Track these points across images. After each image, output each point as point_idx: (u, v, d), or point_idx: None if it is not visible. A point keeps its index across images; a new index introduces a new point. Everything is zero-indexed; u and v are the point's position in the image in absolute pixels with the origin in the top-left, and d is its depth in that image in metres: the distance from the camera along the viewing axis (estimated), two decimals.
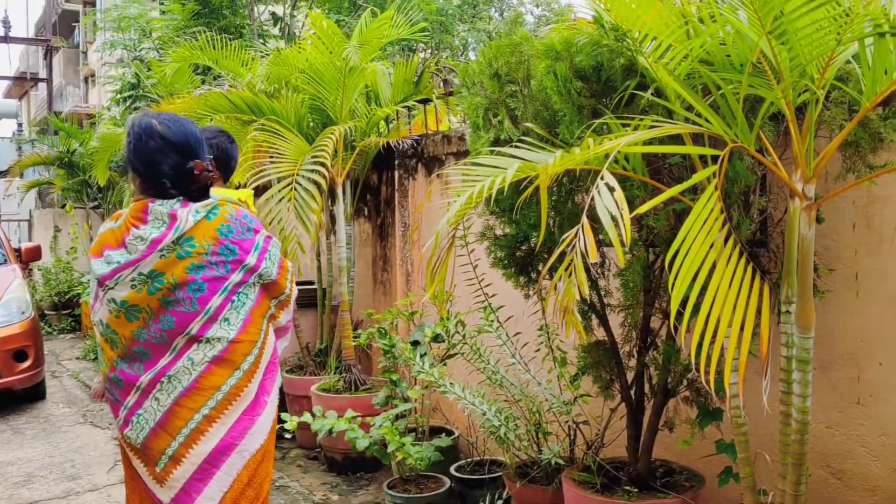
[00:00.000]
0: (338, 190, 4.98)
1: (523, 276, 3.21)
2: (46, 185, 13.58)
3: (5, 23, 20.23)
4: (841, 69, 2.28)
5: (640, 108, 2.59)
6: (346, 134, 4.93)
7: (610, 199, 1.85)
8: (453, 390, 3.46)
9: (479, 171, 2.36)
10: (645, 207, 2.01)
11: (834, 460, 2.76)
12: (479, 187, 2.17)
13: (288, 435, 4.12)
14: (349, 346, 4.89)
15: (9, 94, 32.38)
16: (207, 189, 2.24)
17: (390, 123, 5.65)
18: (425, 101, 5.27)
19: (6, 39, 20.54)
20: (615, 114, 2.54)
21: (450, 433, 4.23)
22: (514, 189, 2.66)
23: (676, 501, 2.76)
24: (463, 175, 2.48)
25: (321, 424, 3.82)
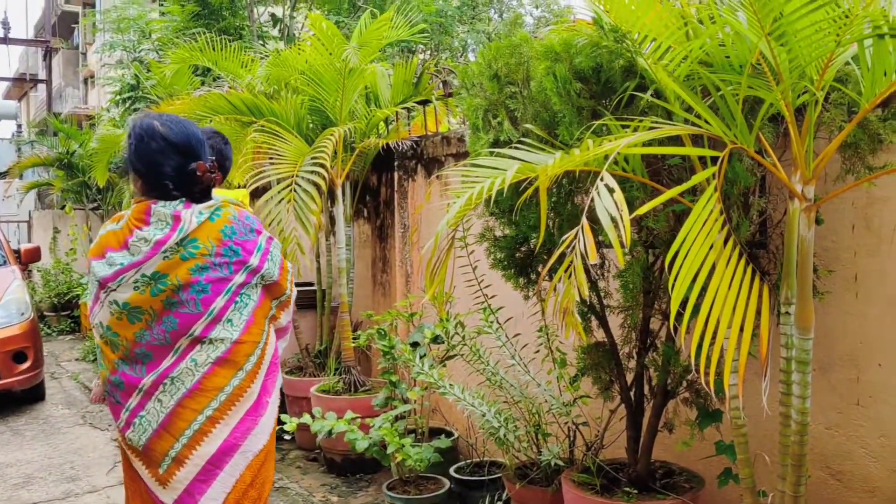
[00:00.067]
0: (337, 191, 4.98)
1: (523, 278, 3.21)
2: (46, 187, 13.56)
3: (5, 24, 20.21)
4: (840, 71, 2.29)
5: (640, 110, 2.60)
6: (346, 135, 4.93)
7: (609, 201, 1.85)
8: (453, 391, 3.46)
9: (479, 173, 2.36)
10: (645, 209, 2.01)
11: (833, 461, 2.76)
12: (479, 188, 2.17)
13: (287, 436, 4.12)
14: (349, 348, 4.89)
15: (8, 96, 32.40)
16: (209, 190, 2.24)
17: (390, 125, 5.65)
18: (425, 103, 5.28)
19: (6, 41, 20.53)
20: (615, 115, 2.55)
21: (449, 434, 4.23)
22: (514, 190, 2.66)
23: (676, 502, 2.76)
24: (462, 176, 2.48)
25: (321, 426, 3.82)
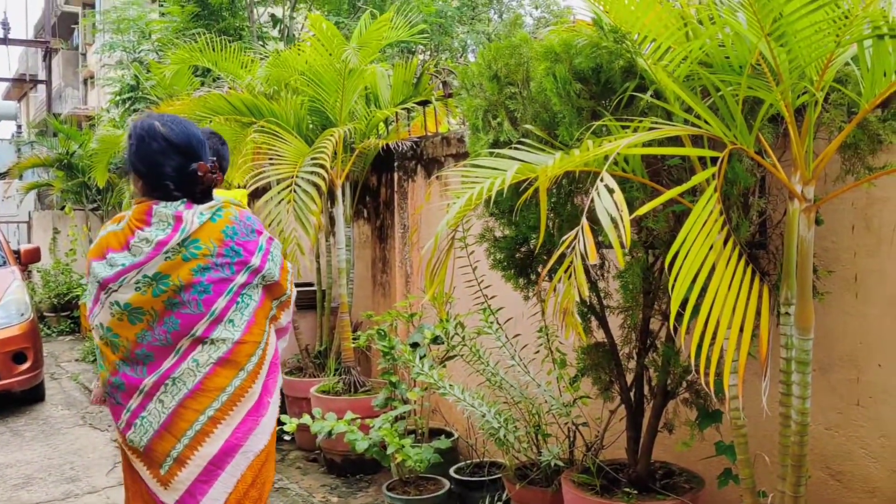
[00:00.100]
0: (337, 192, 4.98)
1: (523, 278, 3.21)
2: (45, 187, 13.56)
3: (4, 24, 20.22)
4: (840, 71, 2.29)
5: (640, 110, 2.60)
6: (346, 136, 4.93)
7: (609, 201, 1.85)
8: (453, 392, 3.46)
9: (479, 173, 2.36)
10: (644, 209, 2.01)
11: (833, 462, 2.76)
12: (479, 189, 2.17)
13: (287, 437, 4.11)
14: (348, 348, 4.89)
15: (8, 96, 32.41)
16: (210, 191, 2.24)
17: (389, 125, 5.65)
18: (424, 103, 5.28)
19: (5, 41, 20.54)
20: (614, 115, 2.55)
21: (449, 435, 4.23)
22: (514, 191, 2.66)
23: (676, 503, 2.76)
24: (462, 177, 2.48)
25: (321, 426, 3.82)
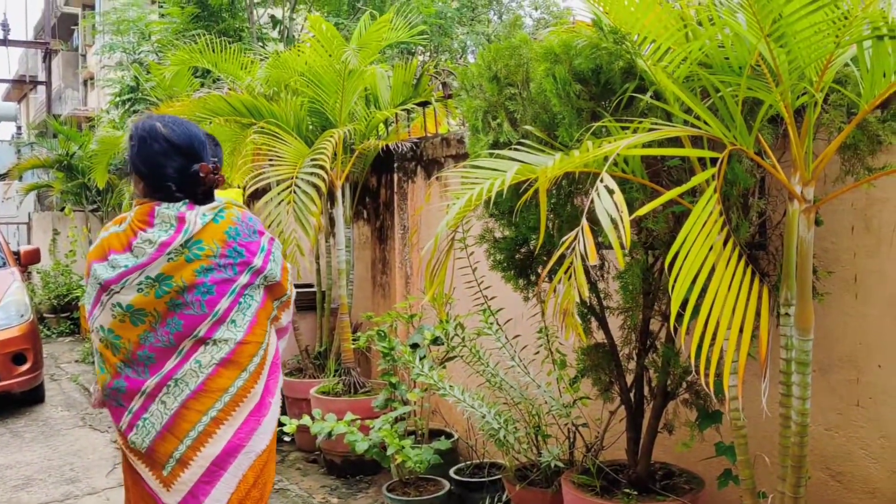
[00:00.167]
0: (337, 193, 4.98)
1: (523, 279, 3.21)
2: (45, 188, 13.56)
3: (4, 26, 20.20)
4: (839, 72, 2.29)
5: (639, 111, 2.60)
6: (346, 137, 4.93)
7: (609, 202, 1.85)
8: (453, 393, 3.46)
9: (479, 174, 2.36)
10: (644, 210, 2.01)
11: (833, 462, 2.76)
12: (479, 190, 2.17)
13: (287, 438, 4.11)
14: (348, 349, 4.89)
15: (8, 97, 32.40)
16: (212, 191, 2.25)
17: (389, 126, 5.65)
18: (424, 104, 5.28)
19: (5, 42, 20.52)
20: (614, 116, 2.55)
21: (449, 436, 4.23)
22: (514, 192, 2.66)
23: None
24: (462, 178, 2.48)
25: (320, 427, 3.82)
